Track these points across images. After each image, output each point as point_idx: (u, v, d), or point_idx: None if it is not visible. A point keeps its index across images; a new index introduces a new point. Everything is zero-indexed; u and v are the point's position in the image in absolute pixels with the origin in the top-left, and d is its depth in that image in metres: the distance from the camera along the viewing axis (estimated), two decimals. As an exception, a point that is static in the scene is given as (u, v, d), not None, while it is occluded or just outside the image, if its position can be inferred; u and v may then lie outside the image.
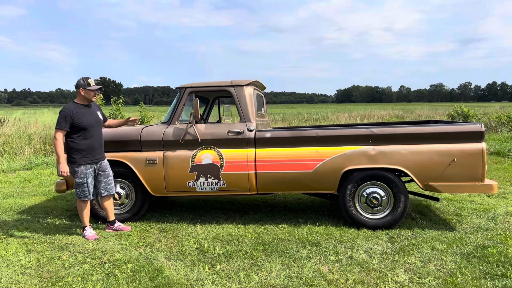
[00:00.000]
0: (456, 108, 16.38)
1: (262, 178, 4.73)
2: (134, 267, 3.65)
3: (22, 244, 4.28)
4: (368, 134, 4.56)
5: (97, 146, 4.51)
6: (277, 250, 4.02)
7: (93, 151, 4.47)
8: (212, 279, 3.42)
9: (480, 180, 4.40)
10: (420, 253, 3.88)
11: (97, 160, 4.52)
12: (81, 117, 4.37)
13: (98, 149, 4.52)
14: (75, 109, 4.39)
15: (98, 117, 4.60)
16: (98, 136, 4.55)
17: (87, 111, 4.48)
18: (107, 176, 4.61)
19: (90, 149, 4.43)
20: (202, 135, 4.81)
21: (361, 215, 4.64)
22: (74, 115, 4.34)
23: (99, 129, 4.58)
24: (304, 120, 19.40)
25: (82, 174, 4.41)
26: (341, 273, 3.49)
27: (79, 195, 4.46)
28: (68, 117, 4.31)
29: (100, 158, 4.56)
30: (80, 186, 4.43)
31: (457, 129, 4.47)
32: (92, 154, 4.46)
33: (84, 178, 4.42)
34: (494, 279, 3.32)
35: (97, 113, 4.61)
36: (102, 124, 4.70)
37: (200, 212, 5.51)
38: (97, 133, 4.54)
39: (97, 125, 4.54)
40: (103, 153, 4.62)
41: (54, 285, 3.33)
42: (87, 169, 4.43)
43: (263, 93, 6.02)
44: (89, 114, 4.48)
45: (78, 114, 4.37)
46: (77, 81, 4.47)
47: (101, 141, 4.62)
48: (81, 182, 4.42)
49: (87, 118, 4.42)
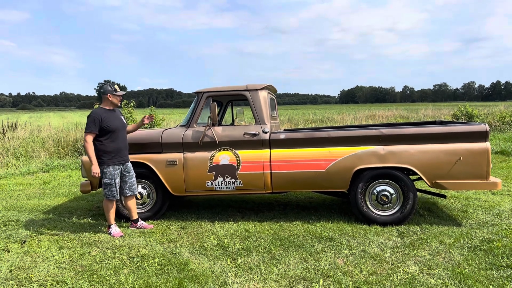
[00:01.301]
0: (460, 108, 16.54)
1: (277, 177, 4.98)
2: (161, 261, 3.91)
3: (53, 241, 4.55)
4: (378, 134, 4.81)
5: (123, 147, 4.81)
6: (294, 245, 4.27)
7: (120, 153, 4.76)
8: (235, 271, 3.67)
9: (485, 177, 4.63)
10: (429, 247, 4.11)
11: (123, 161, 4.81)
12: (109, 121, 4.67)
13: (124, 151, 4.82)
14: (103, 113, 4.69)
15: (123, 121, 4.91)
16: (123, 139, 4.85)
17: (113, 115, 4.78)
18: (132, 177, 4.90)
19: (117, 150, 4.72)
20: (219, 137, 5.07)
21: (372, 212, 4.88)
22: (103, 119, 4.63)
23: (124, 132, 4.88)
24: (310, 122, 19.62)
25: (111, 175, 4.68)
26: (356, 265, 3.73)
27: (107, 195, 4.73)
28: (97, 121, 4.60)
29: (126, 159, 4.85)
30: (109, 187, 4.70)
31: (463, 129, 4.71)
32: (120, 156, 4.75)
33: (113, 179, 4.69)
34: (499, 270, 3.55)
35: (121, 117, 4.92)
36: (126, 128, 4.99)
37: (217, 211, 5.77)
38: (123, 136, 4.85)
39: (122, 128, 4.85)
40: (127, 155, 4.91)
41: (90, 277, 3.59)
42: (115, 170, 4.71)
43: (275, 96, 6.27)
44: (115, 118, 4.79)
45: (106, 118, 4.67)
46: (104, 88, 4.78)
47: (126, 143, 4.91)
48: (110, 183, 4.69)
49: (114, 122, 4.72)
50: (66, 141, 12.29)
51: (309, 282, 3.43)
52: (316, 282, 3.40)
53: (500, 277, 3.41)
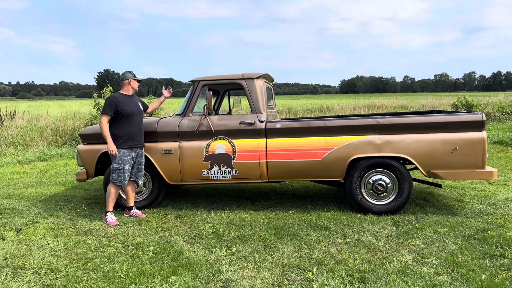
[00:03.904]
0: (460, 98, 16.52)
1: (272, 166, 4.97)
2: (155, 249, 3.92)
3: (48, 230, 4.56)
4: (374, 124, 4.79)
5: (137, 133, 4.91)
6: (288, 233, 4.28)
7: (134, 137, 4.85)
8: (229, 259, 3.68)
9: (481, 167, 4.63)
10: (423, 236, 4.13)
11: (136, 146, 4.87)
12: (124, 105, 4.79)
13: (138, 136, 4.92)
14: (119, 97, 4.83)
15: (139, 107, 5.02)
16: (139, 124, 4.95)
17: (130, 100, 4.91)
18: (140, 164, 4.99)
19: (130, 135, 4.82)
20: (215, 126, 5.05)
21: (367, 201, 4.88)
22: (118, 103, 4.77)
23: (140, 118, 4.98)
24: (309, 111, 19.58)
25: (120, 160, 4.75)
26: (349, 254, 3.74)
27: (114, 179, 4.79)
28: (113, 104, 4.74)
29: (139, 144, 4.94)
30: (117, 171, 4.77)
31: (459, 118, 4.69)
32: (132, 140, 4.84)
33: (122, 164, 4.76)
34: (492, 259, 3.56)
35: (138, 103, 5.01)
36: (143, 114, 5.07)
37: (213, 200, 5.78)
38: (138, 121, 4.94)
39: (138, 113, 4.94)
40: (142, 141, 5.00)
41: (84, 265, 3.60)
42: (125, 156, 4.77)
43: (271, 85, 6.24)
44: (132, 103, 4.92)
45: (122, 102, 4.80)
46: (124, 74, 4.97)
47: (141, 129, 5.00)
48: (118, 168, 4.76)
49: (130, 106, 4.84)
50: (64, 130, 12.28)
51: (303, 270, 3.44)
52: (309, 271, 3.41)
53: (493, 266, 3.43)
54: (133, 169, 4.94)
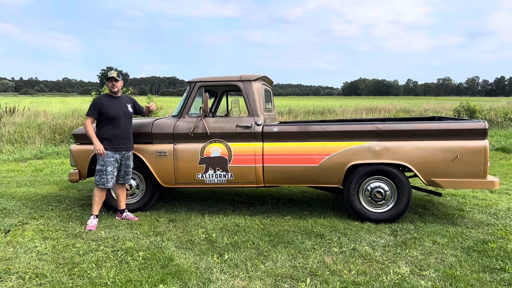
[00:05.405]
0: (462, 103, 16.36)
1: (269, 171, 4.86)
2: (145, 255, 3.81)
3: (37, 231, 4.46)
4: (373, 130, 4.67)
5: (122, 136, 4.74)
6: (283, 241, 4.16)
7: (118, 141, 4.70)
8: (220, 267, 3.57)
9: (482, 176, 4.50)
10: (421, 247, 4.00)
11: (121, 149, 4.73)
12: (108, 107, 4.66)
13: (123, 140, 4.75)
14: (104, 99, 4.72)
15: (127, 109, 4.84)
16: (125, 127, 4.77)
17: (116, 103, 4.77)
18: (128, 167, 4.86)
19: (114, 138, 4.68)
20: (211, 128, 4.94)
21: (365, 208, 4.76)
22: (102, 105, 4.65)
23: (126, 121, 4.80)
24: (310, 113, 19.43)
25: (102, 162, 4.63)
26: (345, 264, 3.62)
27: (97, 181, 4.67)
28: (96, 106, 4.64)
29: (124, 147, 4.78)
30: (99, 173, 4.65)
31: (461, 126, 4.57)
32: (117, 144, 4.69)
33: (104, 166, 4.63)
34: (492, 273, 3.44)
35: (127, 105, 4.85)
36: (131, 116, 4.92)
37: (208, 203, 5.66)
38: (124, 124, 4.77)
39: (124, 116, 4.77)
40: (129, 144, 4.84)
41: (70, 270, 3.49)
42: (108, 157, 4.64)
43: (270, 87, 6.12)
44: (118, 105, 4.76)
45: (106, 104, 4.68)
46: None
47: (129, 132, 4.83)
48: (101, 169, 4.64)
49: (114, 109, 4.70)
50: (63, 127, 12.18)
51: (296, 280, 3.32)
52: (302, 281, 3.30)
53: (493, 280, 3.31)
54: (120, 171, 4.82)
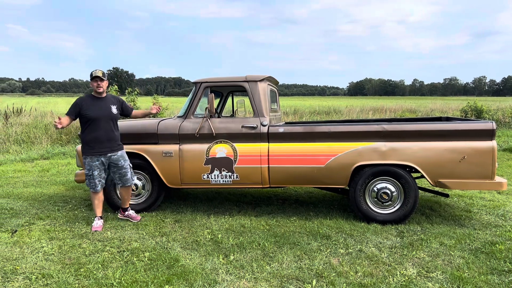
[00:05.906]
0: (469, 103, 16.24)
1: (274, 172, 4.84)
2: (151, 256, 3.81)
3: (44, 232, 4.47)
4: (380, 130, 4.64)
5: (104, 139, 4.54)
6: (289, 242, 4.15)
7: (100, 143, 4.52)
8: (226, 268, 3.56)
9: (490, 177, 4.46)
10: (428, 248, 3.97)
11: (104, 152, 4.56)
12: (88, 109, 4.48)
13: (105, 142, 4.55)
14: (85, 100, 4.55)
15: (111, 110, 4.60)
16: (107, 130, 4.56)
17: (98, 104, 4.55)
18: (121, 169, 4.67)
19: (96, 141, 4.50)
20: (216, 129, 4.93)
21: (371, 209, 4.74)
22: (82, 106, 4.48)
23: (109, 123, 4.59)
24: (315, 114, 19.38)
25: (88, 166, 4.56)
26: (351, 266, 3.60)
27: (87, 186, 4.67)
28: (76, 106, 4.49)
29: (107, 151, 4.58)
30: (88, 178, 4.62)
31: (468, 127, 4.52)
32: (99, 147, 4.52)
33: (90, 170, 4.57)
34: (500, 275, 3.41)
35: (111, 106, 4.62)
36: (116, 118, 4.69)
37: (213, 204, 5.66)
38: (106, 126, 4.56)
39: (106, 118, 4.56)
40: (113, 146, 4.62)
41: (77, 271, 3.49)
42: (93, 161, 4.54)
43: (276, 88, 6.11)
44: (99, 106, 4.54)
45: (87, 104, 4.50)
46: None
47: (111, 135, 4.60)
48: (88, 174, 4.60)
49: (94, 110, 4.49)
50: (69, 128, 12.22)
51: (302, 282, 3.31)
52: (308, 283, 3.28)
53: (501, 282, 3.27)
54: (116, 174, 4.71)
